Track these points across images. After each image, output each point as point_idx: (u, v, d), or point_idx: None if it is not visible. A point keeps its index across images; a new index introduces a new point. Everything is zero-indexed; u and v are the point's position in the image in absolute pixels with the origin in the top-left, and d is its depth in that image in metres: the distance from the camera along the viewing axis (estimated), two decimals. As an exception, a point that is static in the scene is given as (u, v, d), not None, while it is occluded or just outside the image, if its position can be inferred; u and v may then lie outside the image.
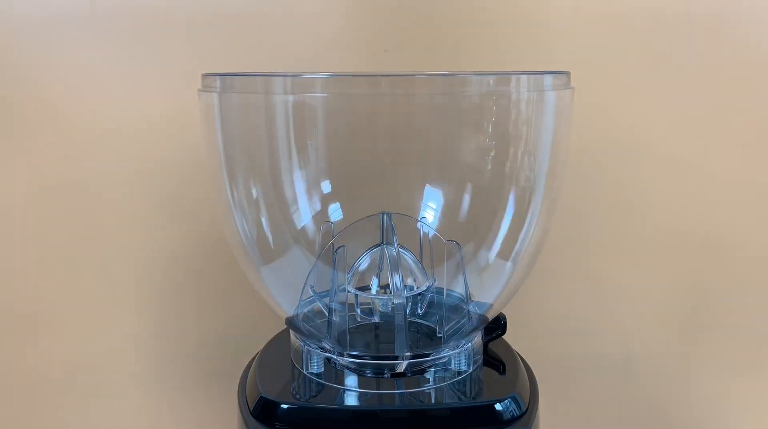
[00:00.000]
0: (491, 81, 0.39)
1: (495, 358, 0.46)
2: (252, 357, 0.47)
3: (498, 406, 0.39)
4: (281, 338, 0.48)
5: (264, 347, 0.48)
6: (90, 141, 0.62)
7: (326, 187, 0.42)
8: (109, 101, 0.62)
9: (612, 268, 0.66)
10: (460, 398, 0.41)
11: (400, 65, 0.62)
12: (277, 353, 0.46)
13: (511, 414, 0.39)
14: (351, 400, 0.41)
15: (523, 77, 0.40)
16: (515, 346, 0.47)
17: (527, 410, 0.40)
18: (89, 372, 0.67)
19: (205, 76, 0.42)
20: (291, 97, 0.39)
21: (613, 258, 0.66)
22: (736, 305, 0.66)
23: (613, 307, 0.67)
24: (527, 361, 0.47)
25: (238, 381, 0.45)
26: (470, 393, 0.42)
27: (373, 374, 0.42)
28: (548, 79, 0.40)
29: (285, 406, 0.40)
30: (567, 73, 0.42)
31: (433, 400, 0.41)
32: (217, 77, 0.40)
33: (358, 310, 0.44)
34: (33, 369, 0.67)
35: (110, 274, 0.65)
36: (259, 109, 0.41)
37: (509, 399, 0.40)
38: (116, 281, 0.66)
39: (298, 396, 0.41)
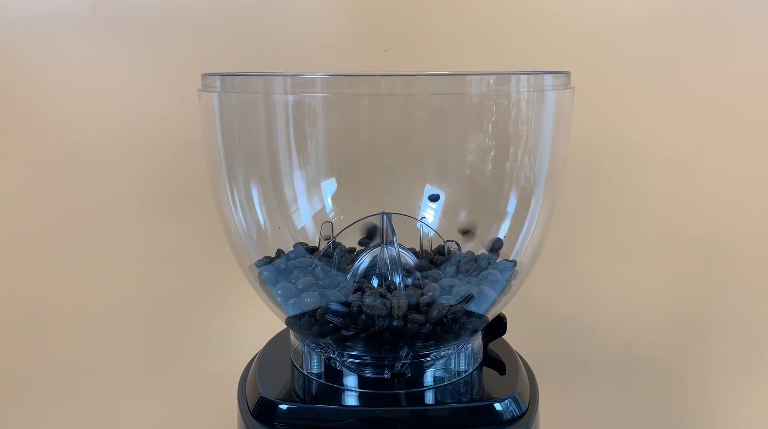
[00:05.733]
0: (491, 81, 0.39)
1: (495, 358, 0.46)
2: (252, 357, 0.47)
3: (498, 406, 0.39)
4: (281, 338, 0.48)
5: (264, 347, 0.48)
6: (90, 141, 0.62)
7: (326, 187, 0.42)
8: (109, 101, 0.62)
9: (612, 269, 0.66)
10: (460, 398, 0.41)
11: (400, 65, 0.62)
12: (277, 353, 0.46)
13: (511, 414, 0.39)
14: (351, 400, 0.41)
15: (523, 77, 0.40)
16: (515, 346, 0.47)
17: (527, 410, 0.40)
18: (89, 372, 0.67)
19: (205, 76, 0.42)
20: (291, 97, 0.39)
21: (613, 258, 0.66)
22: (736, 305, 0.66)
23: (613, 307, 0.67)
24: (527, 361, 0.47)
25: (238, 381, 0.45)
26: (470, 393, 0.42)
27: (373, 374, 0.42)
28: (548, 79, 0.40)
29: (285, 406, 0.40)
30: (567, 73, 0.42)
31: (433, 400, 0.41)
32: (217, 77, 0.40)
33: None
34: (33, 369, 0.67)
35: (110, 273, 0.65)
36: (258, 109, 0.41)
37: (509, 399, 0.40)
38: (116, 280, 0.66)
39: (297, 396, 0.41)
